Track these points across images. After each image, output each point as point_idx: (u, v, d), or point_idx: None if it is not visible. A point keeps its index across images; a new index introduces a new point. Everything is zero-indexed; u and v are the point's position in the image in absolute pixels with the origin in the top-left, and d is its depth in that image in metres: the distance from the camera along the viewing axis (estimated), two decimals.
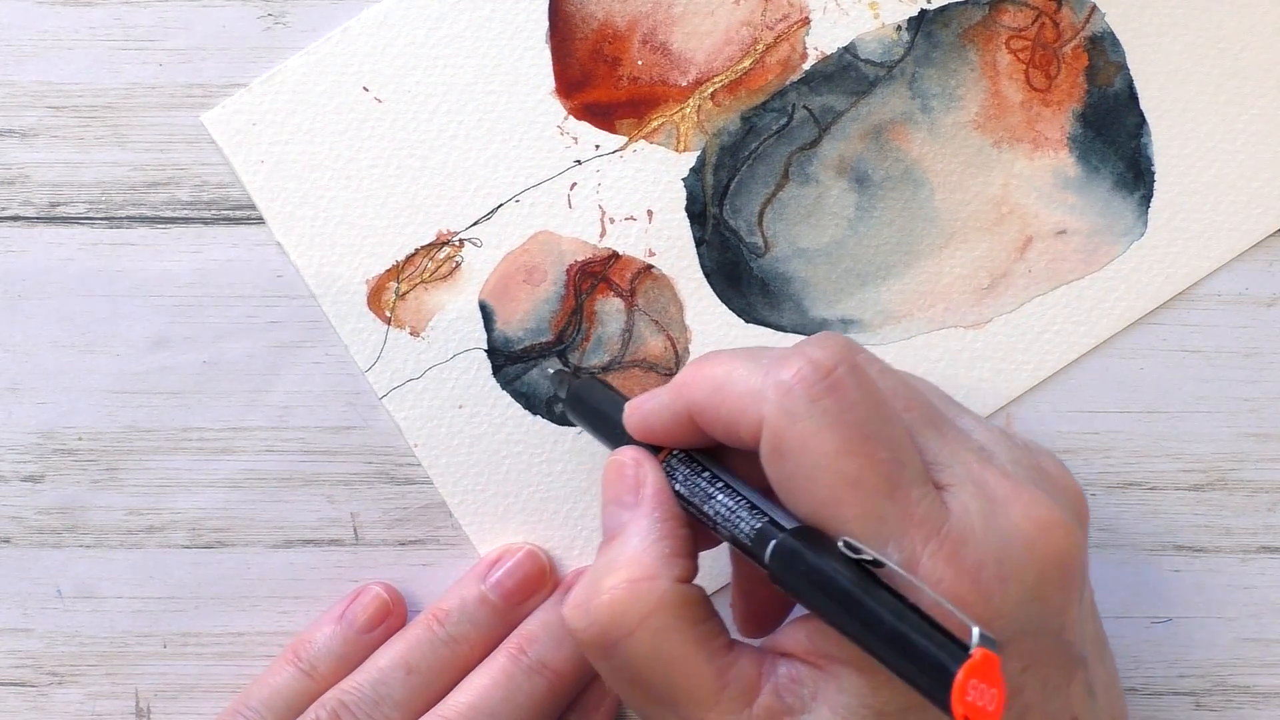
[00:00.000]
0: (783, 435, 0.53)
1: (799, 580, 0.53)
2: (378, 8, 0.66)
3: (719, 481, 0.57)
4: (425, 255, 0.67)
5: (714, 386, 0.56)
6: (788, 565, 0.53)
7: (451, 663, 0.64)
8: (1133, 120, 0.66)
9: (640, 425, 0.59)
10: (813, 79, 0.66)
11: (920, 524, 0.53)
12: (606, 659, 0.56)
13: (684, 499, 0.58)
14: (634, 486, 0.58)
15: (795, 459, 0.53)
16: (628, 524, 0.58)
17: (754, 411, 0.54)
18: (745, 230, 0.66)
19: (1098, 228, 0.66)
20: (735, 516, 0.56)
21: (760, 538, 0.54)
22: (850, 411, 0.53)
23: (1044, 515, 0.54)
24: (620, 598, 0.55)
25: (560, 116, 0.66)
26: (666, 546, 0.57)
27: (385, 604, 0.66)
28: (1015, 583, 0.53)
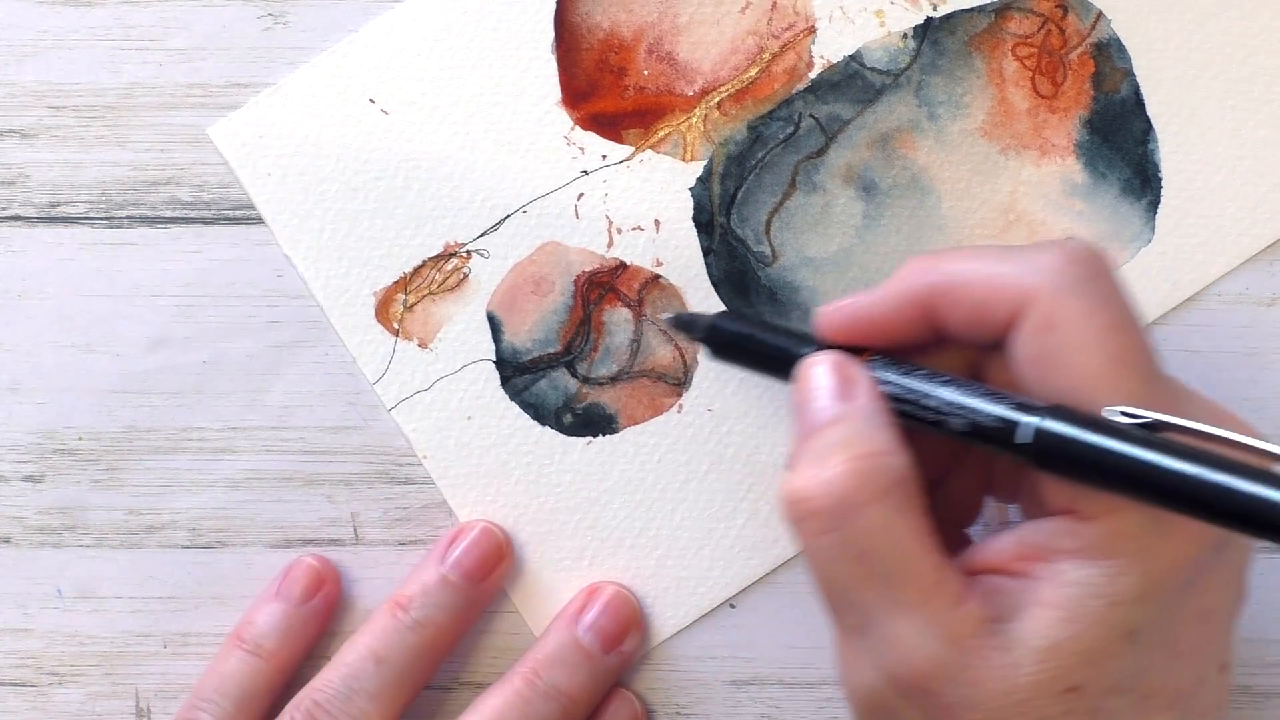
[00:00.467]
0: (1055, 309, 0.53)
1: (1078, 448, 0.52)
2: (383, 19, 0.66)
3: (938, 376, 0.56)
4: (433, 267, 0.66)
5: (964, 269, 0.55)
6: (1057, 441, 0.52)
7: (419, 648, 0.64)
8: (1139, 126, 0.66)
9: (848, 321, 0.58)
10: (819, 87, 0.66)
11: (1187, 401, 0.53)
12: (833, 531, 0.53)
13: (903, 394, 0.56)
14: (843, 382, 0.57)
15: (1065, 333, 0.53)
16: (842, 413, 0.55)
17: (1018, 287, 0.54)
18: (753, 239, 0.66)
19: (1105, 234, 0.66)
20: (973, 402, 0.54)
21: (1020, 411, 0.53)
22: (1116, 294, 0.54)
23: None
24: (861, 468, 0.53)
25: (567, 127, 0.66)
26: (891, 432, 0.55)
27: (318, 573, 0.67)
28: None
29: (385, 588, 0.67)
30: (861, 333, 0.58)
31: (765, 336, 0.61)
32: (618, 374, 0.67)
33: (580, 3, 0.66)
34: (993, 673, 0.53)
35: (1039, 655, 0.52)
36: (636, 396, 0.67)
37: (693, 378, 0.66)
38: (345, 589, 0.67)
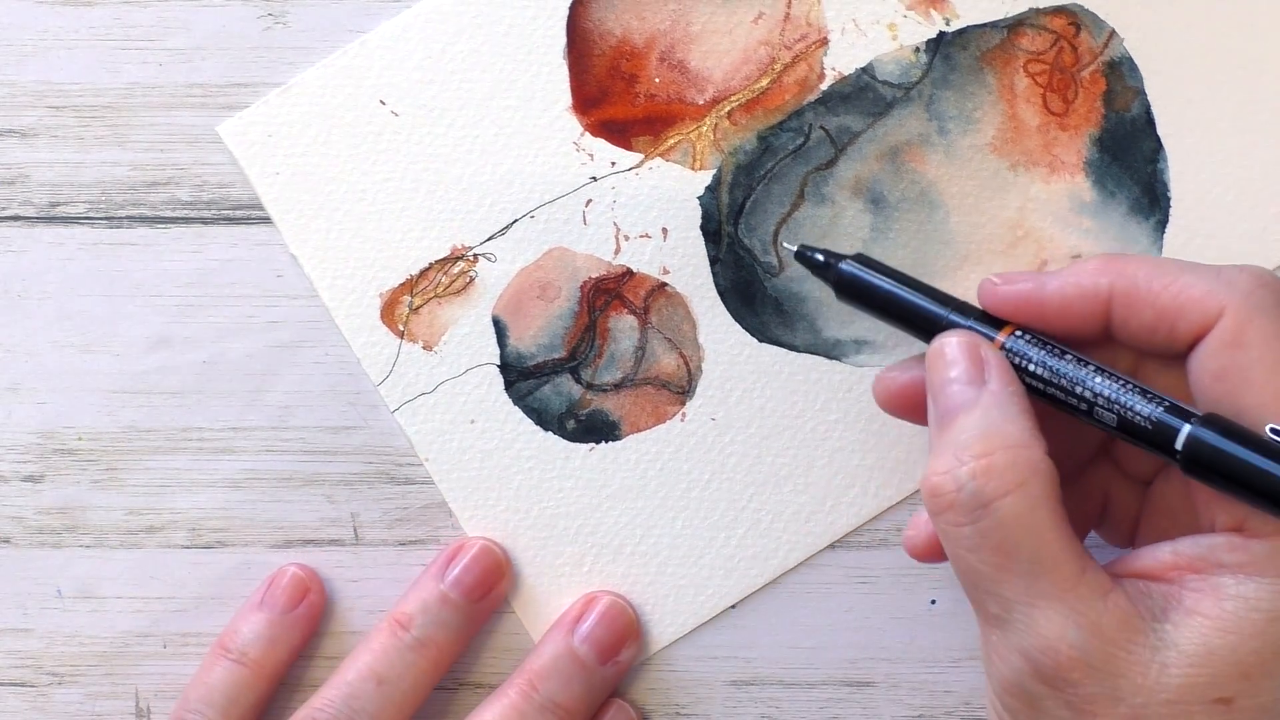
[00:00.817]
0: (1247, 326, 0.54)
1: (1229, 462, 0.53)
2: (395, 21, 0.66)
3: (1089, 364, 0.56)
4: (439, 270, 0.66)
5: (1156, 273, 0.56)
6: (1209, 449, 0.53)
7: (420, 667, 0.65)
8: (1149, 146, 0.66)
9: (1021, 299, 0.58)
10: (830, 99, 0.66)
11: None
12: (974, 520, 0.54)
13: (1052, 377, 0.57)
14: (978, 363, 0.57)
15: (1256, 350, 0.53)
16: (977, 400, 0.56)
17: (1211, 300, 0.54)
18: (760, 249, 0.66)
19: (1113, 252, 0.66)
20: (1127, 398, 0.55)
21: (1167, 420, 0.54)
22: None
23: None
24: (999, 460, 0.54)
25: (576, 133, 0.66)
26: (1030, 421, 0.55)
27: (302, 581, 0.67)
28: None
29: (385, 588, 0.67)
30: (1029, 314, 0.58)
31: (898, 292, 0.60)
32: (622, 381, 0.67)
33: (593, 8, 0.66)
34: (1140, 669, 0.53)
35: (1192, 660, 0.52)
36: (640, 404, 0.67)
37: (696, 386, 0.67)
38: (345, 589, 0.67)
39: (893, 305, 0.60)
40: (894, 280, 0.61)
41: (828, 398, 0.66)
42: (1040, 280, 0.58)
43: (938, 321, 0.59)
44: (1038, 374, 0.57)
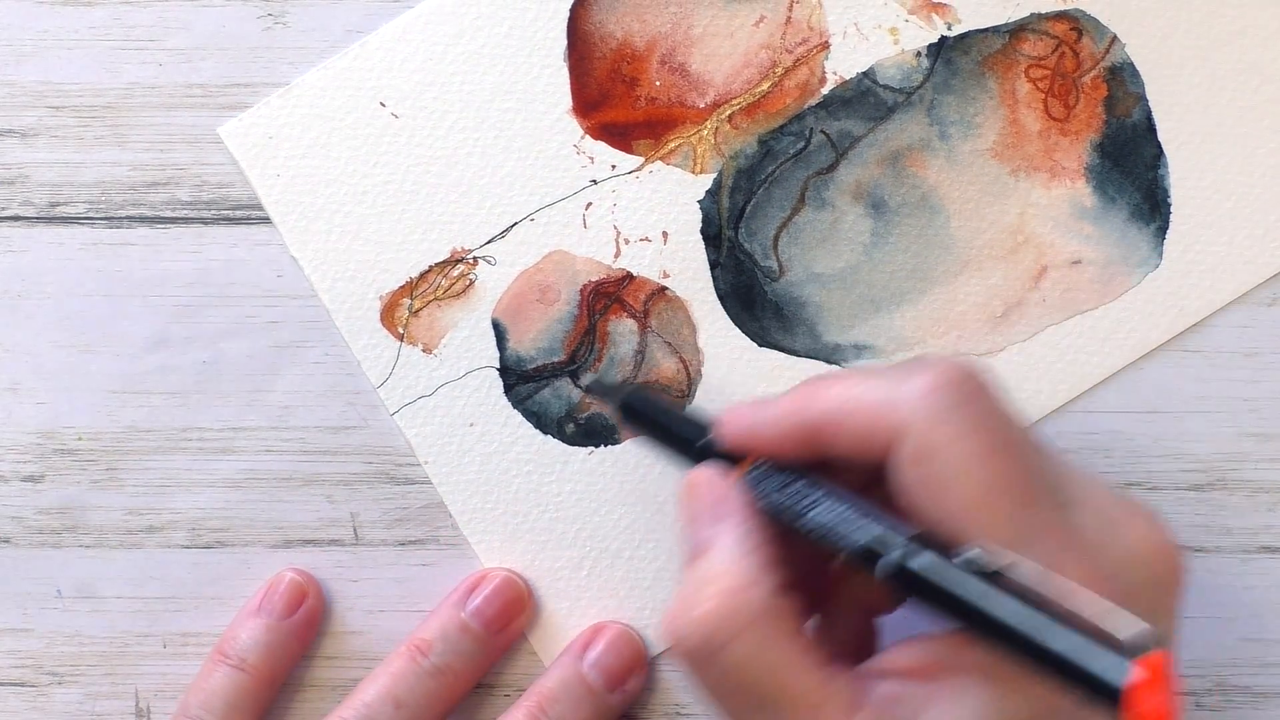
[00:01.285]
0: (927, 437, 0.53)
1: (928, 587, 0.53)
2: (396, 23, 0.66)
3: (818, 490, 0.57)
4: (439, 272, 0.66)
5: (845, 397, 0.56)
6: (913, 573, 0.53)
7: (438, 694, 0.64)
8: (1150, 152, 0.66)
9: (746, 434, 0.58)
10: (831, 104, 0.66)
11: (1055, 533, 0.53)
12: (709, 667, 0.55)
13: (777, 511, 0.57)
14: (718, 501, 0.58)
15: (939, 461, 0.53)
16: (715, 538, 0.57)
17: (893, 416, 0.54)
18: (760, 254, 0.66)
19: (1113, 258, 0.66)
20: (845, 524, 0.55)
21: (881, 544, 0.54)
22: (991, 418, 0.54)
23: (1158, 539, 0.55)
24: (723, 605, 0.54)
25: (577, 136, 0.66)
26: (761, 556, 0.56)
27: (300, 587, 0.67)
28: (1135, 600, 0.52)
29: (385, 588, 0.67)
30: (760, 444, 0.58)
31: (669, 422, 0.62)
32: (621, 385, 0.67)
33: (594, 11, 0.66)
34: None
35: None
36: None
37: (696, 390, 0.66)
38: (344, 589, 0.67)
39: (662, 435, 0.62)
40: (670, 415, 0.63)
41: None
42: (760, 409, 0.58)
43: (695, 453, 0.60)
44: (772, 506, 0.57)
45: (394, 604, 0.67)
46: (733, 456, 0.59)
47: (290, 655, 0.66)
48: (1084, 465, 0.65)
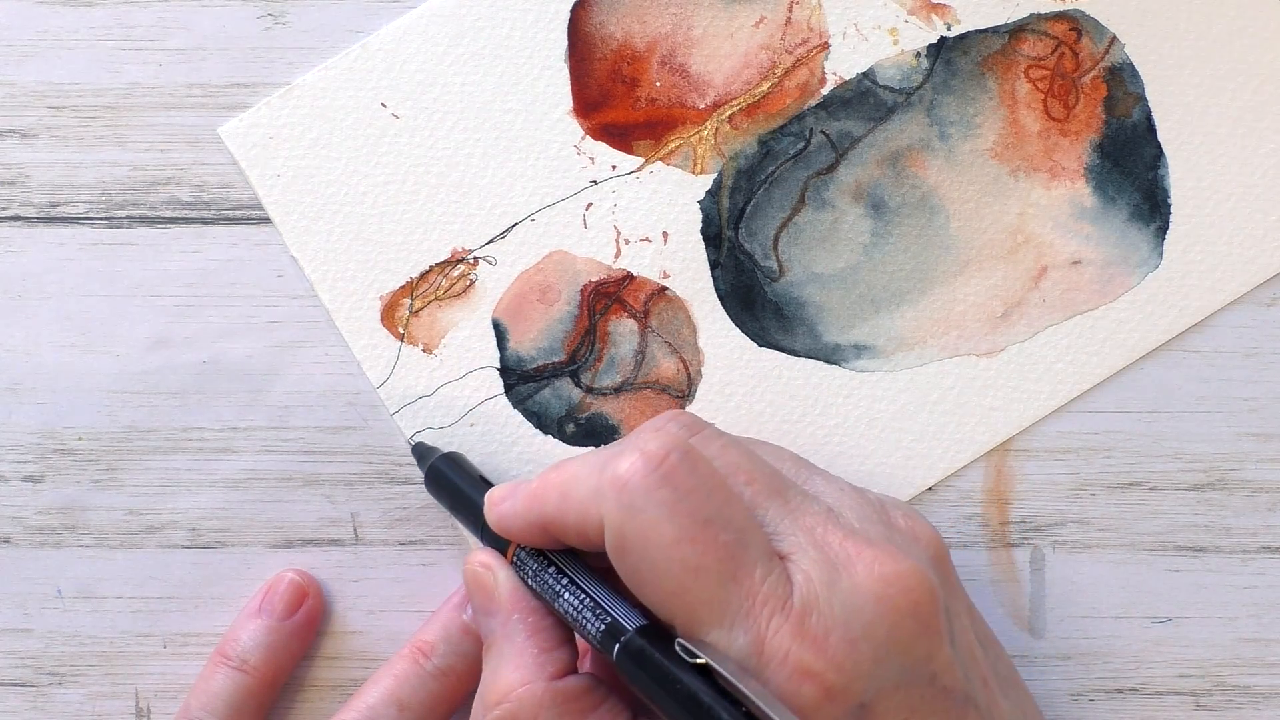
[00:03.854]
0: (622, 530, 0.54)
1: (643, 683, 0.54)
2: (397, 24, 0.66)
3: (564, 578, 0.58)
4: (439, 272, 0.66)
5: (560, 494, 0.57)
6: (632, 667, 0.54)
7: (441, 696, 0.65)
8: (1150, 152, 0.66)
9: (499, 524, 0.60)
10: (831, 104, 0.66)
11: (764, 602, 0.53)
12: None
13: (536, 594, 0.59)
14: (489, 592, 0.60)
15: (638, 553, 0.54)
16: (494, 631, 0.59)
17: (596, 511, 0.55)
18: (760, 254, 0.66)
19: (1113, 259, 0.66)
20: (581, 616, 0.57)
21: (606, 638, 0.56)
22: (686, 498, 0.54)
23: (888, 569, 0.55)
24: (506, 712, 0.57)
25: (577, 136, 0.66)
26: (534, 645, 0.58)
27: (301, 588, 0.67)
28: (866, 641, 0.53)
29: (385, 588, 0.67)
30: (514, 536, 0.60)
31: (461, 489, 0.64)
32: (621, 385, 0.67)
33: (594, 12, 0.66)
34: None
35: None
36: (640, 408, 0.66)
37: (696, 390, 0.67)
38: (345, 589, 0.67)
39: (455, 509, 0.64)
40: (458, 476, 0.64)
41: (827, 402, 0.66)
42: (503, 508, 0.60)
43: (476, 520, 0.62)
44: (532, 588, 0.59)
45: (394, 604, 0.67)
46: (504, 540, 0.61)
47: (291, 656, 0.66)
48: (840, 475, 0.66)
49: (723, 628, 0.53)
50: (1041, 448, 0.67)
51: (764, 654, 0.53)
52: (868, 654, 0.53)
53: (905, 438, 0.66)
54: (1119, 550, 0.67)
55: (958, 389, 0.66)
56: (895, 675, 0.54)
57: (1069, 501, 0.67)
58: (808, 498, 0.57)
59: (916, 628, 0.54)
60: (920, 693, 0.55)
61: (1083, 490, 0.67)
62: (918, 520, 0.59)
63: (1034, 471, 0.67)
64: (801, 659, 0.53)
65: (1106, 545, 0.67)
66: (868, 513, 0.58)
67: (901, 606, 0.54)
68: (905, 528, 0.59)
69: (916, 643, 0.54)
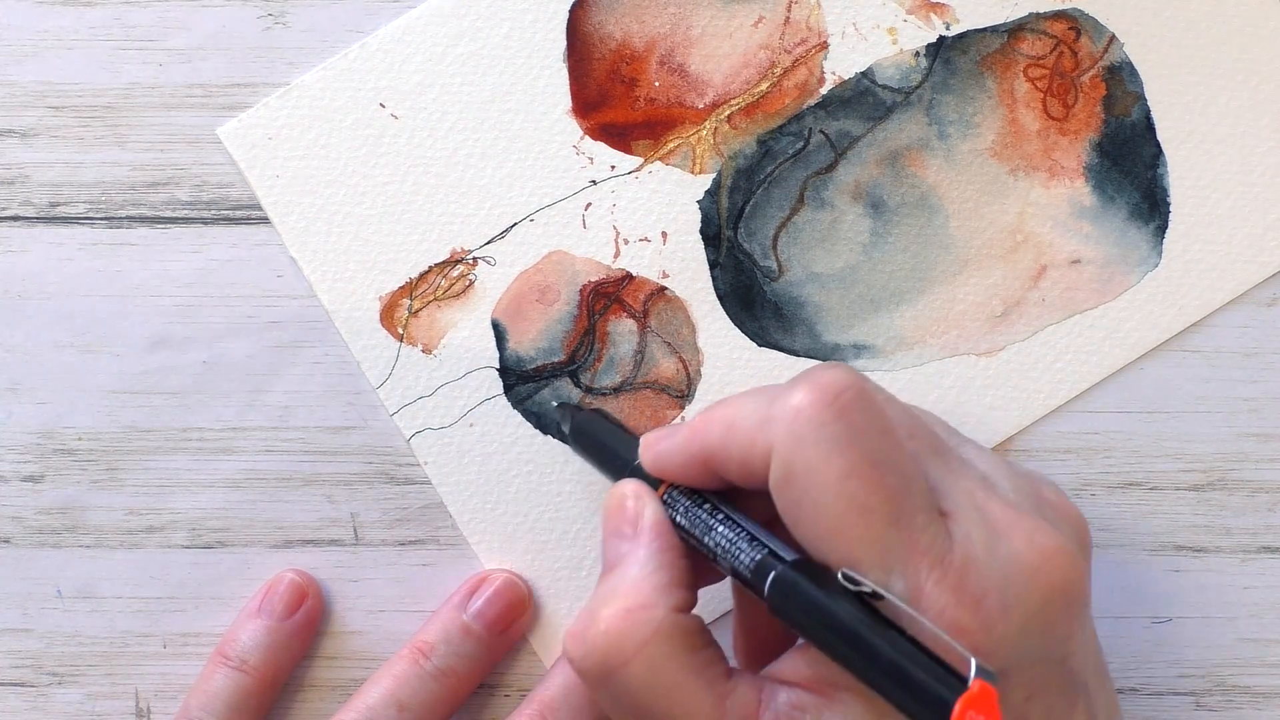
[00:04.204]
0: (791, 460, 0.54)
1: (798, 612, 0.53)
2: (396, 24, 0.66)
3: (719, 513, 0.57)
4: (438, 273, 0.66)
5: (726, 426, 0.56)
6: (787, 597, 0.54)
7: (441, 696, 0.65)
8: (1149, 151, 0.66)
9: (655, 463, 0.59)
10: (830, 104, 0.66)
11: (925, 552, 0.53)
12: (606, 687, 0.56)
13: (685, 531, 0.58)
14: (633, 518, 0.59)
15: (803, 483, 0.53)
16: (626, 554, 0.58)
17: (764, 441, 0.55)
18: (760, 254, 0.66)
19: (1112, 258, 0.66)
20: (735, 548, 0.56)
21: (760, 569, 0.55)
22: (858, 436, 0.53)
23: (1047, 543, 0.54)
24: (616, 627, 0.55)
25: (576, 136, 0.66)
26: (664, 576, 0.57)
27: (300, 588, 0.67)
28: (1018, 611, 0.53)
29: (385, 588, 0.67)
30: (670, 473, 0.59)
31: (609, 444, 0.64)
32: (621, 385, 0.67)
33: (593, 12, 0.66)
34: None
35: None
36: (639, 408, 0.66)
37: (695, 390, 0.67)
38: (344, 589, 0.67)
39: (602, 457, 0.64)
40: (604, 428, 0.65)
41: None
42: (661, 445, 0.59)
43: (624, 468, 0.62)
44: (681, 525, 0.59)
45: (394, 604, 0.67)
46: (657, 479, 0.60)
47: (291, 656, 0.66)
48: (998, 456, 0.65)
49: (880, 570, 0.52)
50: (1041, 448, 0.67)
51: (920, 604, 0.52)
52: (1017, 624, 0.53)
53: None
54: (1119, 550, 0.67)
55: (957, 388, 0.66)
56: (1036, 650, 0.54)
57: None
58: (965, 462, 0.57)
59: (1064, 607, 0.54)
60: (1051, 671, 0.54)
61: (1083, 490, 0.67)
62: (1065, 499, 0.59)
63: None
64: (957, 616, 0.52)
65: (1106, 545, 0.67)
66: (1020, 484, 0.58)
67: (1055, 583, 0.54)
68: (1056, 504, 0.58)
69: (1060, 622, 0.54)
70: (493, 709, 0.67)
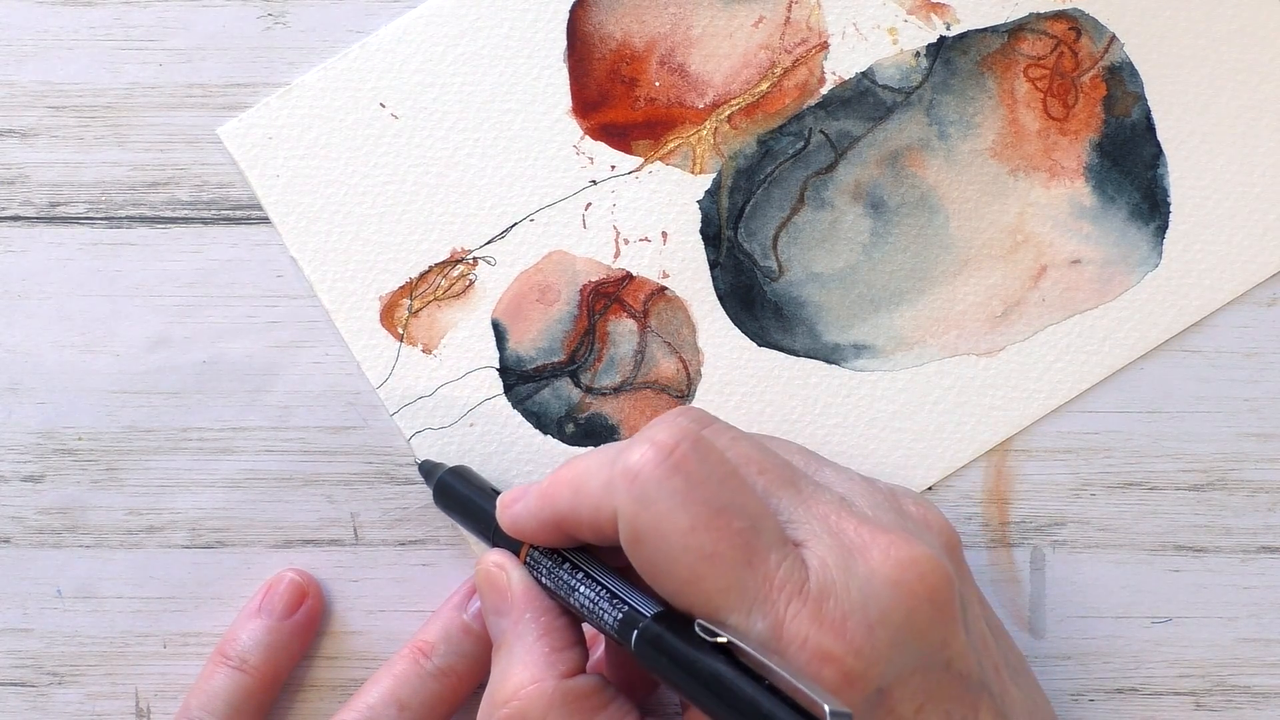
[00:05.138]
0: (636, 521, 0.54)
1: (663, 667, 0.54)
2: (396, 24, 0.66)
3: (579, 572, 0.58)
4: (439, 272, 0.66)
5: (573, 491, 0.57)
6: (651, 653, 0.54)
7: (441, 695, 0.65)
8: (1150, 151, 0.66)
9: (511, 526, 0.60)
10: (830, 104, 0.66)
11: (781, 586, 0.53)
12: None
13: (550, 592, 0.59)
14: (503, 591, 0.60)
15: (652, 543, 0.54)
16: (506, 631, 0.59)
17: (608, 505, 0.55)
18: (760, 254, 0.66)
19: (1112, 258, 0.66)
20: (598, 608, 0.57)
21: (623, 627, 0.56)
22: (699, 487, 0.54)
23: (904, 554, 0.55)
24: (515, 710, 0.57)
25: (576, 136, 0.66)
26: (545, 644, 0.58)
27: (300, 588, 0.67)
28: (883, 626, 0.53)
29: (385, 588, 0.67)
30: (527, 537, 0.60)
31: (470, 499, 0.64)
32: (621, 385, 0.67)
33: (593, 12, 0.66)
34: None
35: None
36: (639, 408, 0.66)
37: (696, 391, 0.66)
38: (345, 589, 0.67)
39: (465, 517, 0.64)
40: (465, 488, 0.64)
41: (827, 402, 0.66)
42: (516, 508, 0.60)
43: (488, 527, 0.63)
44: (547, 586, 0.59)
45: (394, 604, 0.67)
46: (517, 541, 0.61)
47: (291, 656, 0.66)
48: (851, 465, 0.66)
49: (740, 613, 0.53)
50: (1041, 448, 0.67)
51: (783, 638, 0.53)
52: (885, 639, 0.53)
53: (905, 437, 0.66)
54: (1119, 550, 0.67)
55: (957, 388, 0.66)
56: (912, 660, 0.54)
57: (1069, 501, 0.67)
58: (820, 487, 0.58)
59: (933, 613, 0.55)
60: (936, 678, 0.55)
61: (1083, 490, 0.67)
62: (929, 508, 0.60)
63: (1034, 471, 0.67)
64: (820, 643, 0.53)
65: (1106, 545, 0.67)
66: (879, 500, 0.58)
67: (918, 592, 0.54)
68: (917, 515, 0.59)
69: (932, 628, 0.55)
70: None
